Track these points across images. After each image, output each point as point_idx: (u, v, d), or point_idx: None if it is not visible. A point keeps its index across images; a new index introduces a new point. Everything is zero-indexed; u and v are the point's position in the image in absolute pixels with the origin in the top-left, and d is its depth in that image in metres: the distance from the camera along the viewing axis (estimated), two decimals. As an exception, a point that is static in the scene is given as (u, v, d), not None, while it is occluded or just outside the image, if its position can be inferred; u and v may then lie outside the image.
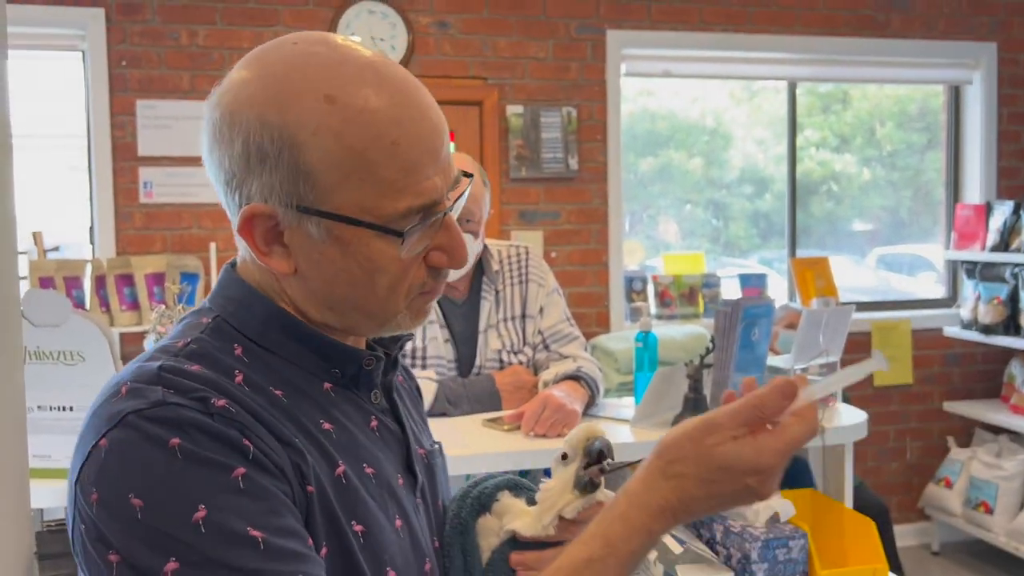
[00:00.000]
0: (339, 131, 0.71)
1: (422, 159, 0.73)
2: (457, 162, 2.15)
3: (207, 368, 0.72)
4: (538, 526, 0.83)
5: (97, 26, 3.12)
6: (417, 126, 0.73)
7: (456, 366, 2.09)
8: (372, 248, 0.74)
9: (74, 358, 1.57)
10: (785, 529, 1.74)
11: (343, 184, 0.72)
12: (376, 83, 0.73)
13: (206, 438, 0.66)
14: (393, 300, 0.77)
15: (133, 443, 0.65)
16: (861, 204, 4.37)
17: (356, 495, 0.75)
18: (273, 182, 0.72)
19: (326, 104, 0.71)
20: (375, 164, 0.72)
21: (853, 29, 3.86)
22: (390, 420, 0.85)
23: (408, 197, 0.73)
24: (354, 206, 0.72)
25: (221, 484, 0.65)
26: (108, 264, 3.01)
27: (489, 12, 3.49)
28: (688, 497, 0.71)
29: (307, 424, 0.75)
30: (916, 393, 4.02)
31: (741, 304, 1.81)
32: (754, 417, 0.70)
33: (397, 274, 0.75)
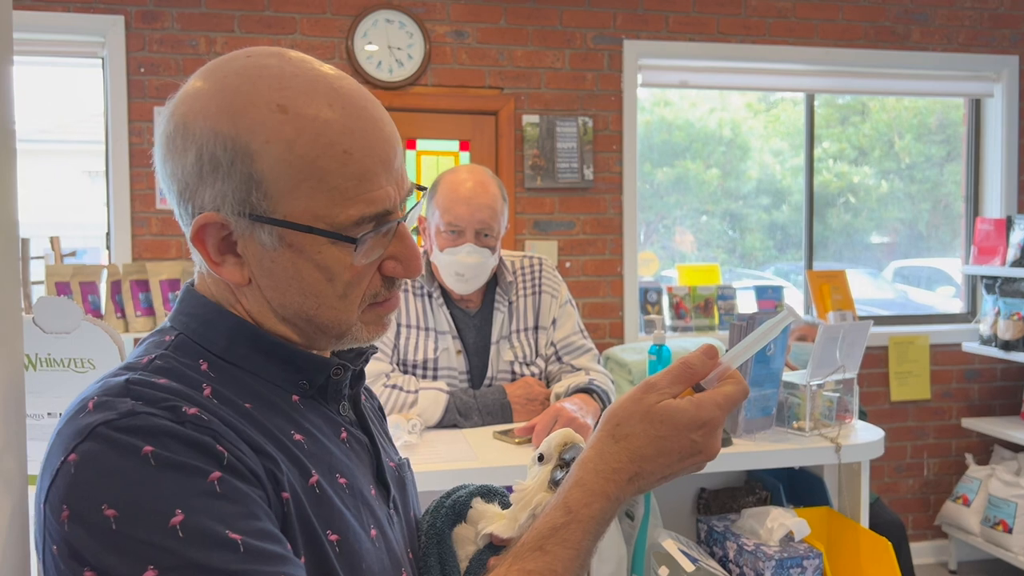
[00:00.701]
0: (291, 140, 0.72)
1: (375, 168, 0.74)
2: (476, 178, 2.14)
3: (175, 381, 0.71)
4: (514, 526, 0.84)
5: (117, 33, 3.14)
6: (369, 136, 0.74)
7: (468, 377, 2.08)
8: (325, 255, 0.74)
9: (84, 366, 1.57)
10: (800, 548, 1.72)
11: (295, 192, 0.73)
12: (328, 94, 0.74)
13: (179, 444, 0.65)
14: (346, 310, 0.77)
15: (104, 454, 0.64)
16: (879, 217, 4.33)
17: (331, 504, 0.74)
18: (225, 191, 0.73)
19: (279, 114, 0.72)
20: (327, 172, 0.72)
21: (872, 41, 3.83)
22: (359, 432, 0.85)
23: (360, 205, 0.73)
24: (306, 214, 0.73)
25: (197, 488, 0.64)
26: (124, 269, 3.02)
27: (506, 22, 3.49)
28: (638, 456, 0.75)
29: (278, 435, 0.74)
30: (934, 409, 3.97)
31: (757, 318, 1.79)
32: (685, 375, 0.77)
33: (350, 282, 0.76)
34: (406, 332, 2.04)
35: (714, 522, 1.87)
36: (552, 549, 0.72)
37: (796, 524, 1.72)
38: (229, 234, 0.75)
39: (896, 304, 4.43)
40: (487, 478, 1.76)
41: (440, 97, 3.44)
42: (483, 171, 2.06)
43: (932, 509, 3.96)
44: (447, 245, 1.99)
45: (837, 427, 1.89)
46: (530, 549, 0.73)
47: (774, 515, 1.76)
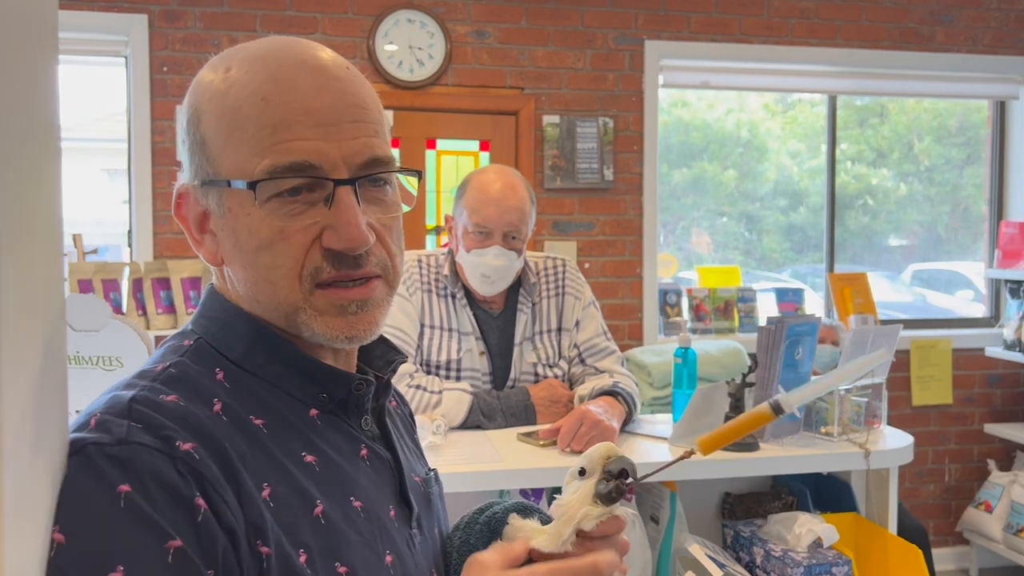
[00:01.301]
0: (224, 92, 0.72)
1: (296, 118, 0.70)
2: (505, 180, 2.12)
3: (184, 397, 0.69)
4: (557, 542, 0.80)
5: (140, 32, 3.15)
6: (296, 85, 0.71)
7: (491, 379, 2.07)
8: (252, 218, 0.71)
9: (113, 363, 1.57)
10: (828, 555, 1.70)
11: (226, 148, 0.71)
12: (275, 51, 0.73)
13: (158, 491, 0.62)
14: (283, 284, 0.72)
15: (82, 476, 0.63)
16: (897, 219, 4.30)
17: (338, 535, 0.71)
18: (190, 160, 0.74)
19: (223, 73, 0.72)
20: (246, 120, 0.70)
21: (896, 42, 3.80)
22: (381, 448, 0.80)
23: (273, 154, 0.69)
24: (234, 169, 0.71)
25: (149, 552, 0.61)
26: (145, 267, 3.03)
27: (527, 22, 3.48)
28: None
29: (285, 460, 0.71)
30: (956, 414, 3.93)
31: (786, 322, 1.77)
32: None
33: (277, 245, 0.70)
34: (429, 332, 2.04)
35: (740, 527, 1.85)
36: None
37: (825, 530, 1.71)
38: (205, 209, 0.74)
39: (914, 308, 4.39)
40: (512, 480, 1.76)
41: (460, 97, 3.44)
42: (512, 173, 2.05)
43: (954, 515, 3.93)
44: (474, 246, 1.98)
45: (866, 432, 1.87)
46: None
47: (802, 521, 1.74)
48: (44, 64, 0.68)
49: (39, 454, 0.63)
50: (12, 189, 0.59)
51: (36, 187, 0.66)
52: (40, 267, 0.66)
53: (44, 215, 0.68)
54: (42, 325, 0.66)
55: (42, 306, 0.66)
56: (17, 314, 0.60)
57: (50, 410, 0.67)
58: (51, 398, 0.67)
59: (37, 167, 0.66)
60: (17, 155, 0.60)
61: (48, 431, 0.66)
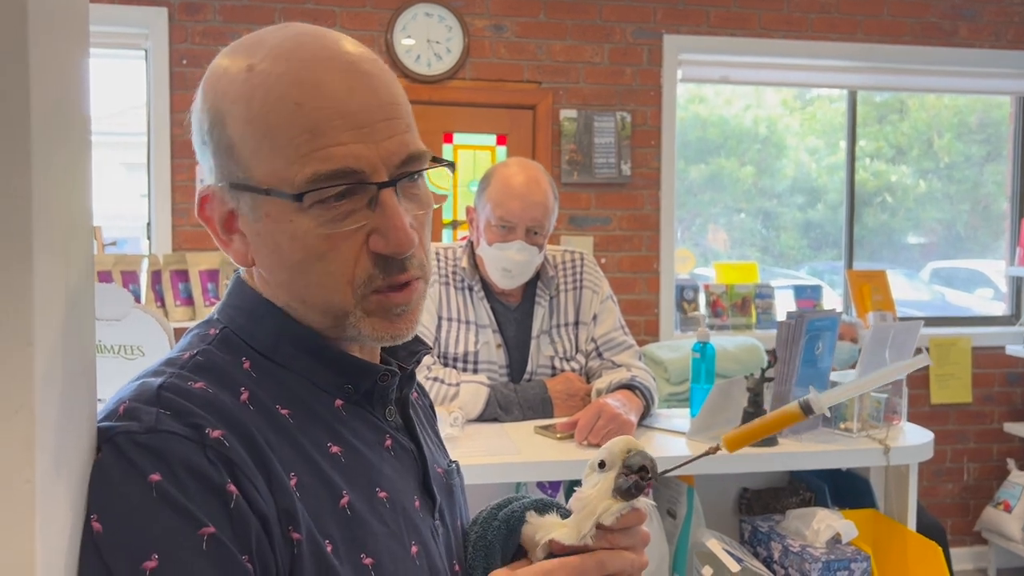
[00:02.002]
0: (249, 97, 0.69)
1: (332, 122, 0.68)
2: (529, 174, 2.11)
3: (212, 384, 0.69)
4: (577, 535, 0.79)
5: (160, 25, 3.17)
6: (327, 87, 0.69)
7: (507, 372, 2.07)
8: (296, 224, 0.69)
9: (134, 352, 1.59)
10: (847, 551, 1.69)
11: (258, 154, 0.69)
12: (296, 49, 0.70)
13: (189, 478, 0.63)
14: (336, 290, 0.71)
15: (113, 466, 0.63)
16: (916, 217, 4.27)
17: (364, 526, 0.71)
18: (214, 161, 0.72)
19: (246, 73, 0.70)
20: (279, 128, 0.68)
21: (917, 37, 3.76)
22: (405, 438, 0.80)
23: (314, 162, 0.68)
24: (271, 176, 0.69)
25: (184, 539, 0.61)
26: (164, 260, 3.05)
27: (546, 16, 3.47)
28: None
29: (311, 450, 0.71)
30: (975, 412, 3.90)
31: (806, 317, 1.76)
32: None
33: (326, 254, 0.70)
34: (447, 325, 2.04)
35: (758, 522, 1.85)
36: None
37: (844, 526, 1.70)
38: (232, 210, 0.72)
39: (933, 306, 4.36)
40: (529, 473, 1.76)
41: (478, 91, 3.44)
42: (536, 167, 2.05)
43: (972, 514, 3.90)
44: (496, 240, 1.98)
45: (885, 428, 1.86)
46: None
47: (820, 516, 1.73)
48: (76, 58, 0.68)
49: (69, 441, 0.64)
50: (48, 180, 0.60)
51: (70, 178, 0.66)
52: (72, 257, 0.67)
53: (77, 206, 0.68)
54: (73, 314, 0.67)
55: (73, 296, 0.67)
56: (50, 303, 0.60)
57: (80, 397, 0.67)
58: (81, 386, 0.68)
59: (71, 159, 0.66)
60: (54, 148, 0.61)
61: (78, 418, 0.66)
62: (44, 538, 0.57)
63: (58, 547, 0.60)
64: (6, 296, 0.56)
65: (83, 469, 0.65)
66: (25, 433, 0.57)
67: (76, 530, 0.63)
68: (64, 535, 0.61)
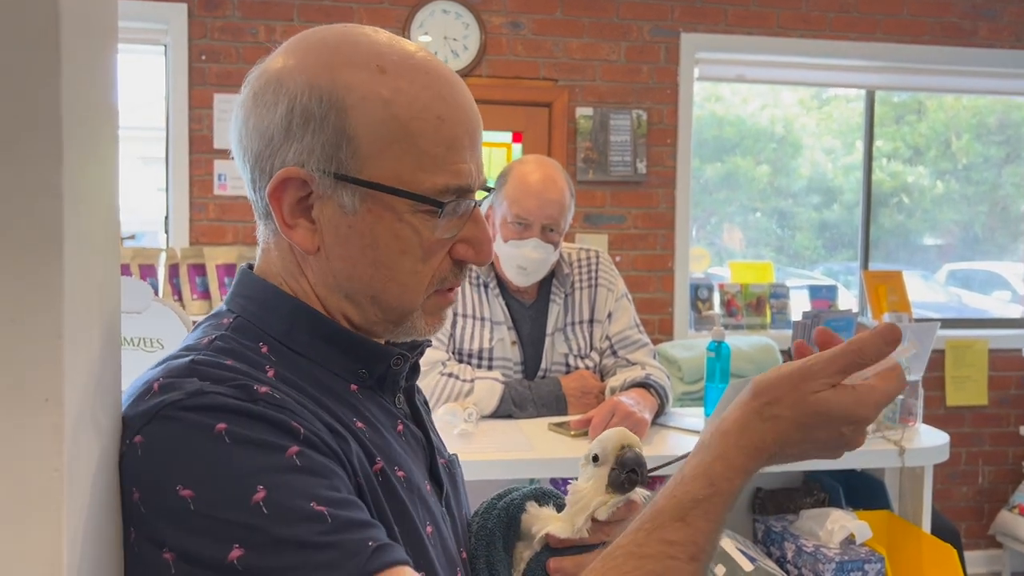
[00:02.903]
0: (388, 99, 0.71)
1: (463, 140, 0.74)
2: (546, 172, 2.11)
3: (239, 362, 0.70)
4: (571, 528, 0.81)
5: (179, 20, 3.19)
6: (461, 109, 0.74)
7: (522, 368, 2.08)
8: (405, 223, 0.73)
9: (153, 345, 1.60)
10: (861, 552, 1.69)
11: (384, 153, 0.71)
12: (425, 64, 0.74)
13: (253, 422, 0.64)
14: (414, 288, 0.75)
15: (174, 434, 0.63)
16: (933, 218, 4.24)
17: (394, 494, 0.73)
18: (314, 145, 0.71)
19: (378, 74, 0.72)
20: (419, 136, 0.72)
21: (936, 37, 3.73)
22: (413, 425, 0.83)
23: (446, 175, 0.73)
24: (392, 177, 0.72)
25: (276, 464, 0.63)
26: (182, 253, 3.07)
27: (562, 13, 3.47)
28: (784, 439, 0.70)
29: (344, 419, 0.73)
30: (991, 415, 3.87)
31: (822, 317, 1.75)
32: (853, 364, 0.69)
33: (422, 257, 0.74)
34: (462, 321, 2.05)
35: (772, 522, 1.84)
36: (694, 521, 0.68)
37: (858, 527, 1.70)
38: (308, 195, 0.73)
39: (949, 308, 4.33)
40: (543, 470, 1.76)
41: (494, 88, 3.44)
42: (553, 165, 2.05)
43: (986, 518, 3.87)
44: (512, 237, 1.98)
45: (901, 430, 1.85)
46: (670, 517, 0.68)
47: (834, 517, 1.73)
48: (107, 54, 0.69)
49: (95, 432, 0.65)
50: (78, 175, 0.60)
51: (99, 173, 0.67)
52: (100, 250, 0.68)
53: (105, 200, 0.69)
54: (101, 307, 0.68)
55: (101, 289, 0.68)
56: (79, 297, 0.61)
57: (106, 389, 0.68)
58: (107, 378, 0.69)
59: (100, 154, 0.67)
60: (84, 143, 0.62)
61: (104, 409, 0.67)
62: (71, 527, 0.58)
63: (84, 536, 0.61)
64: (36, 289, 0.57)
65: (109, 460, 0.66)
66: (54, 424, 0.57)
67: (101, 520, 0.64)
68: (90, 525, 0.62)
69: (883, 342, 0.69)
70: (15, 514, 0.56)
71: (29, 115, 0.56)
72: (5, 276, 0.56)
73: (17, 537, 0.56)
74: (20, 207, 0.56)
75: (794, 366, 0.71)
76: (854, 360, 0.69)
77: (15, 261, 0.56)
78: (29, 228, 0.56)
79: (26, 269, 0.56)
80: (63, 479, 0.57)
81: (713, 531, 0.69)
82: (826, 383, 0.69)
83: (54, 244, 0.57)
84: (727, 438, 0.71)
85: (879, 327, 0.70)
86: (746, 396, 0.72)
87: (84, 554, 0.60)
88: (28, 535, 0.57)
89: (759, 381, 0.72)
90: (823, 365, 0.69)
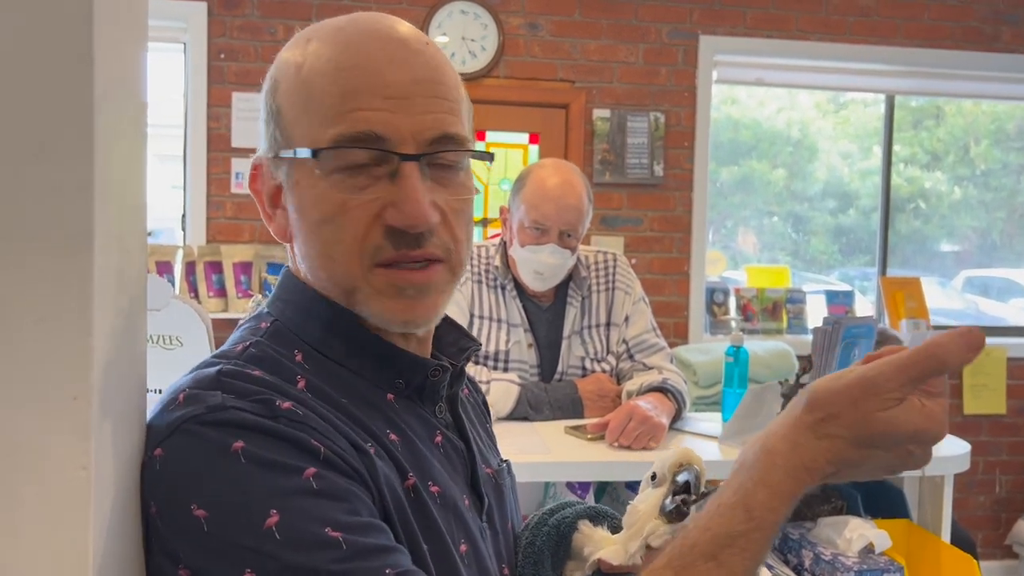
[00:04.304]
0: (299, 64, 0.70)
1: (366, 85, 0.68)
2: (564, 176, 2.09)
3: (268, 372, 0.68)
4: (625, 555, 0.78)
5: (199, 19, 3.20)
6: (371, 55, 0.68)
7: (538, 371, 2.07)
8: (317, 190, 0.69)
9: (172, 343, 1.60)
10: (880, 561, 1.67)
11: (299, 120, 0.70)
12: (358, 25, 0.71)
13: (271, 441, 0.62)
14: (343, 261, 0.69)
15: (191, 450, 0.62)
16: (950, 224, 4.20)
17: (425, 511, 0.70)
18: (266, 132, 0.73)
19: (304, 45, 0.71)
20: (317, 90, 0.69)
21: (958, 42, 3.70)
22: (455, 436, 0.79)
23: (342, 124, 0.67)
24: (303, 139, 0.69)
25: (292, 486, 0.60)
26: (199, 251, 3.08)
27: (581, 15, 3.46)
28: (841, 460, 0.61)
29: (375, 431, 0.70)
30: (1009, 424, 3.83)
31: (842, 323, 1.74)
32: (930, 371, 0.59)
33: (337, 219, 0.68)
34: (479, 323, 2.04)
35: (789, 529, 1.83)
36: (728, 559, 0.60)
37: (877, 536, 1.68)
38: (280, 184, 0.73)
39: (967, 315, 4.29)
40: (559, 473, 1.75)
41: (511, 89, 3.43)
42: (571, 169, 2.04)
43: (1003, 528, 3.83)
44: (529, 242, 1.97)
45: (921, 438, 1.83)
46: (701, 556, 0.61)
47: (853, 525, 1.71)
48: (137, 52, 0.69)
49: (121, 430, 0.64)
50: (108, 172, 0.60)
51: (128, 170, 0.67)
52: (128, 247, 0.67)
53: (133, 197, 0.69)
54: (128, 305, 0.68)
55: (128, 286, 0.68)
56: (108, 294, 0.61)
57: (131, 387, 0.68)
58: (132, 376, 0.69)
59: (129, 151, 0.67)
60: (114, 140, 0.62)
61: (130, 407, 0.67)
62: (98, 524, 0.58)
63: (109, 534, 0.61)
64: (67, 286, 0.57)
65: (133, 458, 0.66)
66: (82, 421, 0.57)
67: (126, 518, 0.64)
68: (115, 523, 0.62)
69: (966, 346, 0.59)
70: (43, 511, 0.56)
71: (62, 114, 0.56)
72: (36, 274, 0.56)
73: (45, 533, 0.56)
74: (52, 206, 0.56)
75: (853, 377, 0.61)
76: (934, 367, 0.59)
77: (46, 259, 0.56)
78: (61, 227, 0.56)
79: (57, 267, 0.56)
80: (90, 478, 0.57)
81: (750, 569, 0.61)
82: (894, 398, 0.60)
83: (85, 243, 0.57)
84: (773, 458, 0.62)
85: (960, 329, 0.60)
86: (798, 408, 0.63)
87: (109, 551, 0.60)
88: (56, 532, 0.57)
89: (814, 392, 0.63)
90: (891, 374, 0.60)
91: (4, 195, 0.55)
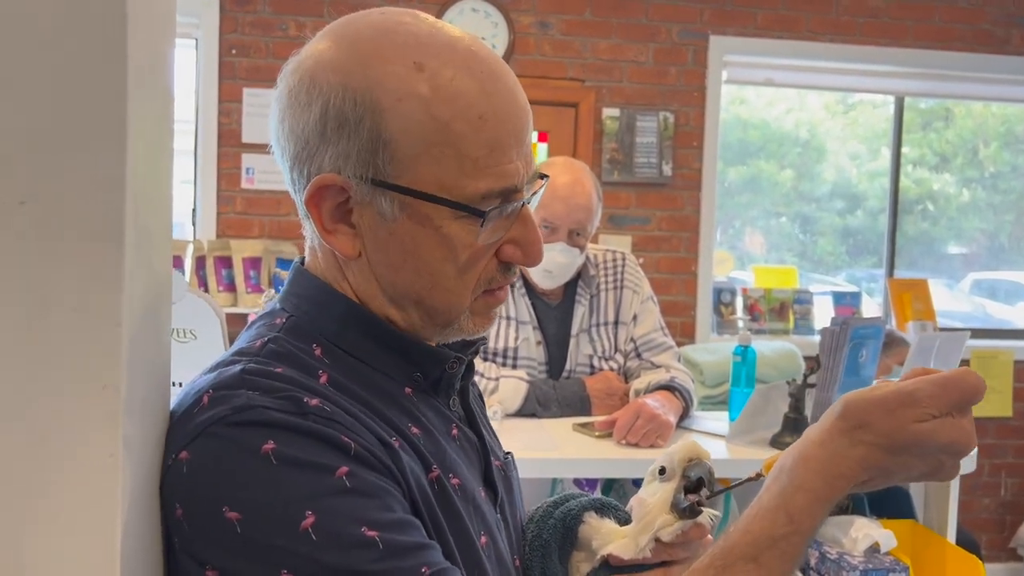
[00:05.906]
0: (427, 99, 0.66)
1: (508, 140, 0.68)
2: (574, 175, 2.08)
3: (291, 368, 0.68)
4: (635, 548, 0.78)
5: (211, 15, 3.22)
6: (506, 104, 0.68)
7: (546, 369, 2.08)
8: (447, 230, 0.68)
9: (186, 336, 1.61)
10: (885, 561, 1.68)
11: (423, 157, 0.67)
12: (467, 57, 0.68)
13: (302, 439, 0.62)
14: (460, 293, 0.71)
15: (221, 453, 0.62)
16: (958, 226, 4.20)
17: (449, 504, 0.70)
18: (350, 151, 0.67)
19: (415, 71, 0.67)
20: (460, 137, 0.67)
21: (968, 44, 3.70)
22: (468, 429, 0.80)
23: (490, 178, 0.68)
24: (433, 182, 0.67)
25: (326, 486, 0.61)
26: (209, 246, 3.10)
27: (591, 14, 3.47)
28: (874, 467, 0.64)
29: (398, 424, 0.70)
30: (1015, 427, 3.83)
31: (850, 324, 1.75)
32: (972, 400, 0.63)
33: (468, 262, 0.70)
34: (488, 320, 2.05)
35: (795, 528, 1.84)
36: (768, 562, 0.62)
37: (883, 535, 1.69)
38: (346, 200, 0.69)
39: (974, 317, 4.28)
40: (566, 469, 1.77)
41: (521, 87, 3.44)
42: (581, 168, 2.05)
43: (1008, 531, 3.83)
44: None
45: (927, 439, 1.84)
46: (741, 557, 0.62)
47: (859, 525, 1.72)
48: (165, 50, 0.70)
49: (147, 419, 0.66)
50: (138, 167, 0.61)
51: (155, 164, 0.68)
52: (155, 240, 0.69)
53: (160, 191, 0.70)
54: (154, 297, 0.69)
55: (154, 279, 0.69)
56: (136, 286, 0.62)
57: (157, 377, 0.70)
58: (158, 366, 0.70)
59: (157, 147, 0.68)
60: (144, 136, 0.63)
61: (155, 397, 0.68)
62: (124, 510, 0.59)
63: (135, 519, 0.62)
64: (99, 278, 0.58)
65: (156, 449, 0.67)
66: (111, 410, 0.59)
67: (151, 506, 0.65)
68: (141, 509, 0.63)
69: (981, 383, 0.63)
70: (73, 497, 0.58)
71: (96, 110, 0.57)
72: (69, 265, 0.57)
73: (74, 518, 0.58)
74: (85, 199, 0.57)
75: (890, 389, 0.64)
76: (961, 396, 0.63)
77: (79, 250, 0.57)
78: (93, 219, 0.58)
79: (89, 259, 0.58)
80: (118, 465, 0.58)
81: (788, 572, 0.63)
82: (927, 414, 0.62)
83: (116, 235, 0.58)
84: (809, 464, 0.64)
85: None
86: (833, 415, 0.65)
87: (135, 534, 0.61)
88: (84, 517, 0.58)
89: (849, 400, 0.65)
90: (932, 393, 0.63)
91: (42, 187, 0.57)
